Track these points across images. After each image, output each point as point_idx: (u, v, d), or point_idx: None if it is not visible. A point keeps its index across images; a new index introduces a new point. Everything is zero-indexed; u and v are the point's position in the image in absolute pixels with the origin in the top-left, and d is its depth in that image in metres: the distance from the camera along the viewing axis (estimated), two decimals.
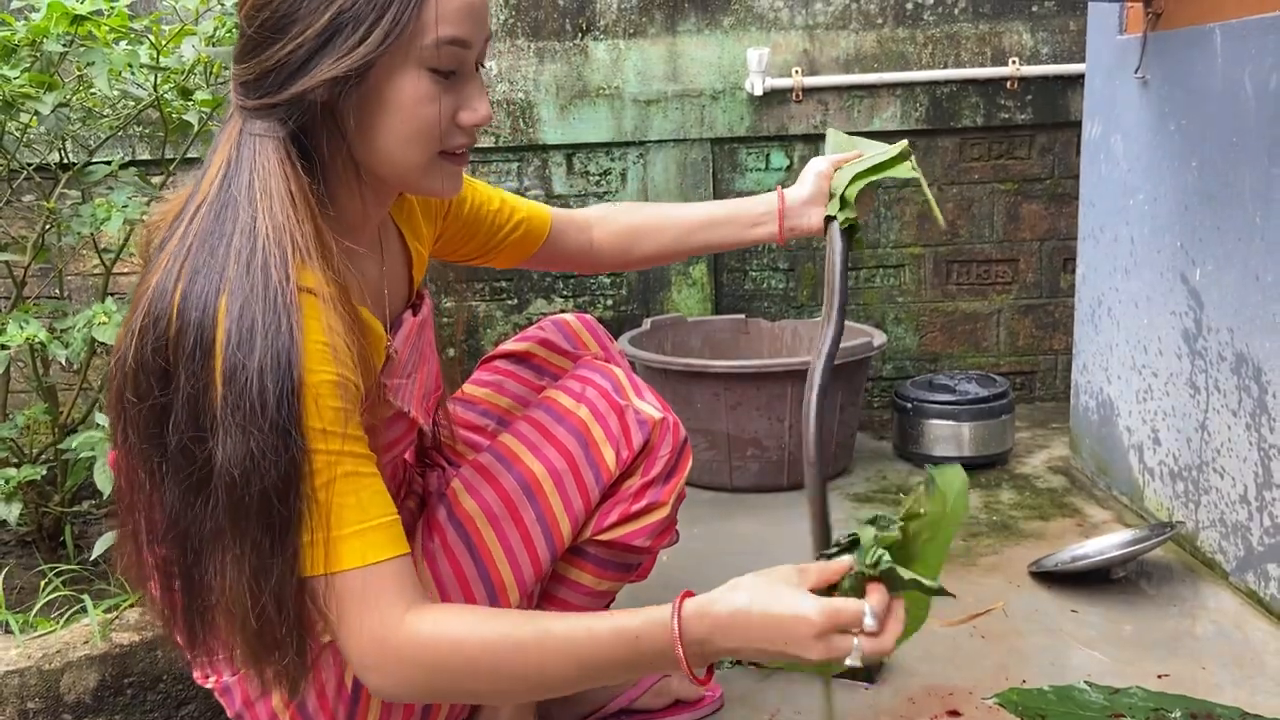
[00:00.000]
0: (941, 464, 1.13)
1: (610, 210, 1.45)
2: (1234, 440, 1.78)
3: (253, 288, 0.88)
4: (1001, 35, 2.80)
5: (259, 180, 0.92)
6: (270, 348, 0.87)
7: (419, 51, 0.93)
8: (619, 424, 1.26)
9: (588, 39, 2.81)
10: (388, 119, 0.95)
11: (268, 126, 0.93)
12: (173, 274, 0.90)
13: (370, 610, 0.91)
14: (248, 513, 0.87)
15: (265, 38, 0.92)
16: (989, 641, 1.67)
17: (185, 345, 0.88)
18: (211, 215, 0.92)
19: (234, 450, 0.86)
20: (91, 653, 1.36)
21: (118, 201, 1.51)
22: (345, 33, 0.90)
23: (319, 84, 0.91)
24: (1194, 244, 1.88)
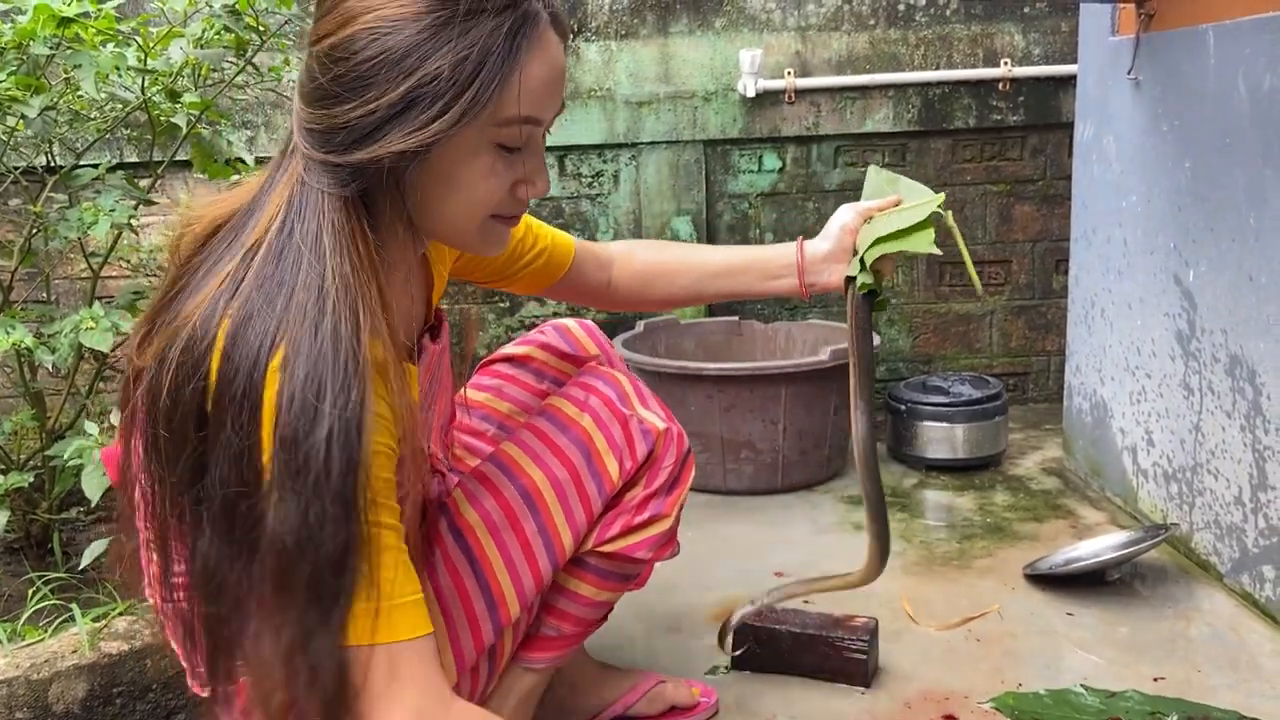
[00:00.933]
0: None
1: (631, 249, 1.41)
2: (1228, 442, 1.77)
3: (321, 352, 0.83)
4: (993, 36, 2.79)
5: (328, 236, 0.88)
6: (340, 418, 0.82)
7: (492, 130, 0.90)
8: (623, 434, 1.24)
9: (579, 40, 2.79)
10: (450, 192, 0.92)
11: (333, 183, 0.89)
12: (218, 312, 0.85)
13: (416, 685, 0.87)
14: (296, 583, 0.83)
15: (337, 93, 0.87)
16: (984, 645, 1.66)
17: (231, 395, 0.83)
18: (271, 259, 0.87)
19: (290, 519, 0.82)
20: (80, 662, 1.34)
21: (105, 205, 1.49)
22: (421, 106, 0.85)
23: (387, 155, 0.86)
24: (1187, 245, 1.88)
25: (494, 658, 1.21)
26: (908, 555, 2.01)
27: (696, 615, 1.80)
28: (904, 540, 2.08)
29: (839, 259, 1.28)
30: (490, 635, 1.17)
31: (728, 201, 2.89)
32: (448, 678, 1.14)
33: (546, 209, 2.88)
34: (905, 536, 2.10)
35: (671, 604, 1.84)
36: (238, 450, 0.82)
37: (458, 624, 1.16)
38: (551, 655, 1.28)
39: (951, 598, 1.83)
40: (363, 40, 0.86)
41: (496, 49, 0.87)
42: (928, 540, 2.08)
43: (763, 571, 1.94)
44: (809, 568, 1.94)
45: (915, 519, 2.20)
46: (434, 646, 0.90)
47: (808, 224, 2.89)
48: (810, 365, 2.27)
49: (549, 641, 1.27)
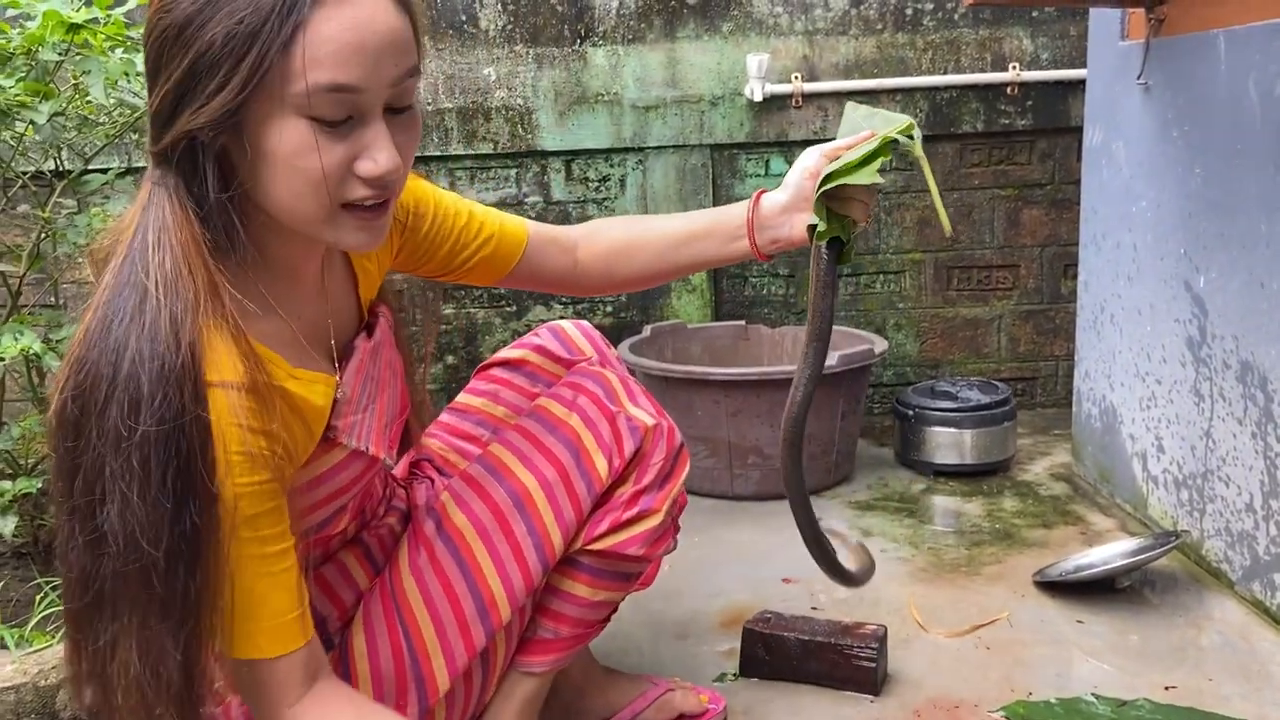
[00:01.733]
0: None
1: (596, 227, 1.34)
2: (1239, 449, 1.77)
3: (139, 347, 0.84)
4: (1002, 41, 2.79)
5: (153, 232, 0.87)
6: (155, 414, 0.83)
7: (292, 99, 0.84)
8: (611, 431, 1.24)
9: (586, 45, 2.79)
10: (270, 170, 0.87)
11: (161, 174, 0.89)
12: (87, 326, 0.87)
13: (265, 703, 0.94)
14: (131, 583, 0.85)
15: (148, 85, 0.89)
16: (994, 653, 1.66)
17: (94, 400, 0.84)
18: (127, 264, 0.88)
19: (116, 516, 0.84)
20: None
21: (113, 211, 1.49)
22: (203, 81, 0.83)
23: (182, 134, 0.85)
24: (1198, 251, 1.87)
25: (488, 662, 1.21)
26: (916, 561, 2.00)
27: (703, 621, 1.79)
28: (912, 546, 2.07)
29: (801, 208, 1.17)
30: (482, 639, 1.17)
31: None
32: (439, 682, 1.15)
33: (553, 214, 2.87)
34: (913, 542, 2.09)
35: (679, 610, 1.83)
36: (94, 456, 0.84)
37: (448, 628, 1.15)
38: (550, 658, 1.27)
39: (960, 605, 1.82)
40: (151, 23, 0.86)
41: (276, 10, 0.82)
42: (936, 546, 2.07)
43: (771, 578, 1.93)
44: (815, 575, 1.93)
45: (924, 525, 2.19)
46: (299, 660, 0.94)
47: None
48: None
49: (546, 644, 1.27)
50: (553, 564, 1.23)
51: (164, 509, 0.84)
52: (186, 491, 0.85)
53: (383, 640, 1.14)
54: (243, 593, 0.90)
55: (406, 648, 1.15)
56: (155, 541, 0.84)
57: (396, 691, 1.14)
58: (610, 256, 1.32)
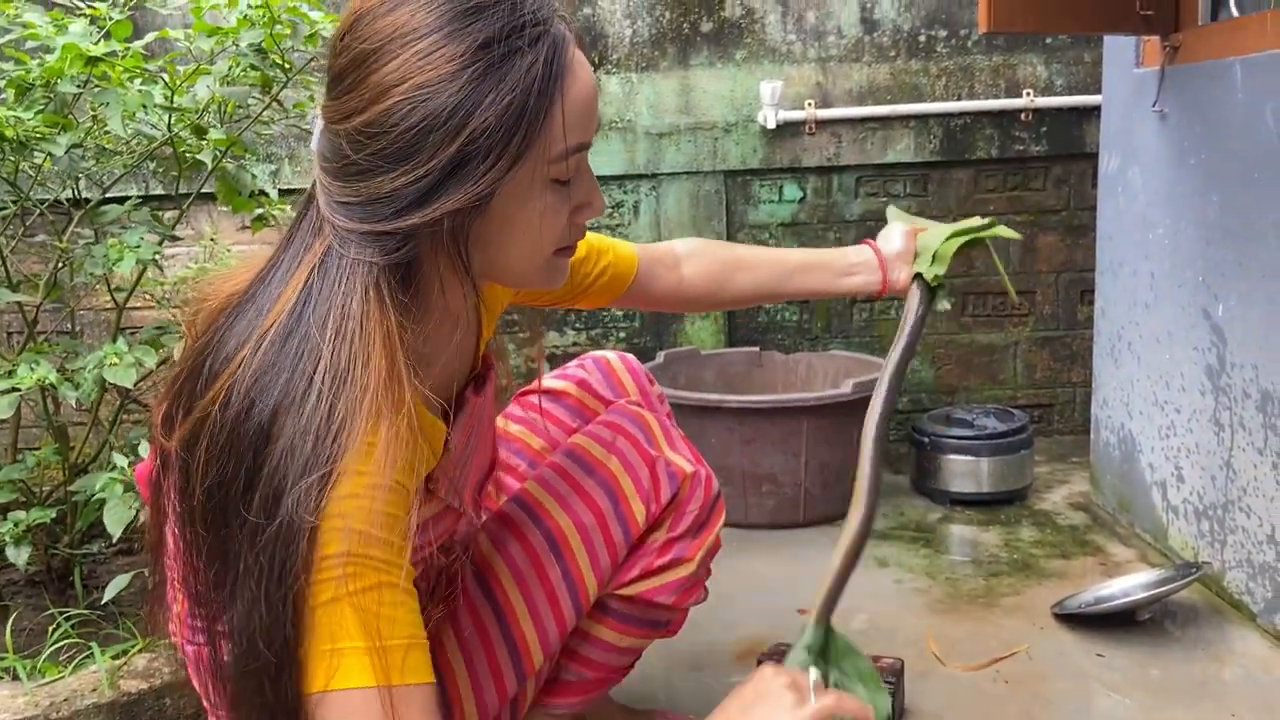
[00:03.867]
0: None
1: (700, 245, 1.41)
2: (1260, 479, 1.74)
3: (293, 435, 0.81)
4: (1015, 67, 2.79)
5: (337, 313, 0.84)
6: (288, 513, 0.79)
7: (545, 167, 0.87)
8: (649, 476, 1.22)
9: (600, 72, 2.80)
10: (512, 237, 0.90)
11: (366, 253, 0.85)
12: (234, 405, 0.83)
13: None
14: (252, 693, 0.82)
15: (378, 165, 0.84)
16: (1012, 686, 1.64)
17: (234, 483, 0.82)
18: (282, 337, 0.85)
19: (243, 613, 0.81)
20: (99, 700, 1.34)
21: (130, 242, 1.50)
22: (475, 160, 0.82)
23: (445, 214, 0.83)
24: (1216, 279, 1.86)
25: (516, 705, 1.19)
26: (933, 593, 1.98)
27: (719, 653, 1.77)
28: (929, 577, 2.05)
29: (907, 260, 1.33)
30: (514, 685, 1.16)
31: (749, 232, 2.88)
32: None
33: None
34: (930, 573, 2.07)
35: (694, 642, 1.81)
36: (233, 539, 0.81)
37: (480, 673, 1.14)
38: (573, 701, 1.26)
39: (978, 637, 1.80)
40: (403, 110, 0.82)
41: (537, 85, 0.84)
42: (954, 577, 2.05)
43: (786, 608, 1.91)
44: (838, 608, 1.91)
45: (940, 555, 2.17)
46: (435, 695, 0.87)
47: None
48: (832, 398, 2.26)
49: (571, 686, 1.26)
50: (587, 609, 1.21)
51: (280, 612, 0.80)
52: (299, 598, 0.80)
53: None
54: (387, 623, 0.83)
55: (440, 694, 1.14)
56: (270, 644, 0.80)
57: None
58: (720, 273, 1.39)
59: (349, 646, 0.80)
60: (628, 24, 2.79)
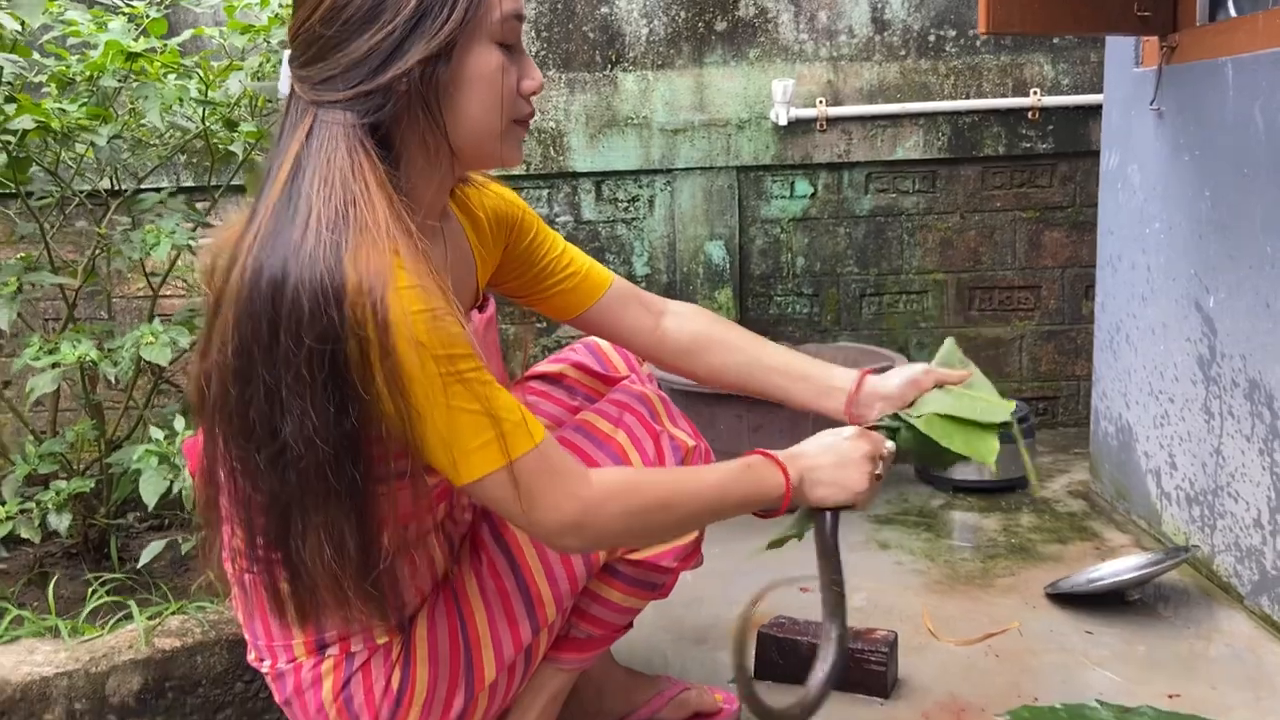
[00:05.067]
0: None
1: (698, 312, 1.45)
2: (1247, 465, 1.80)
3: (301, 275, 0.95)
4: (1023, 67, 2.85)
5: (321, 174, 0.99)
6: (316, 332, 0.94)
7: (490, 27, 1.03)
8: (655, 449, 1.30)
9: (617, 70, 2.88)
10: (472, 92, 1.04)
11: (345, 116, 1.00)
12: (243, 278, 0.98)
13: (560, 477, 1.04)
14: (310, 479, 0.98)
15: (350, 33, 0.99)
16: (1003, 660, 1.70)
17: (259, 339, 0.96)
18: (275, 216, 0.99)
19: (294, 426, 0.96)
20: (136, 657, 1.43)
21: (166, 228, 1.59)
22: (432, 14, 0.99)
23: (414, 65, 0.98)
24: (1207, 272, 1.91)
25: (530, 657, 1.27)
26: (931, 574, 2.05)
27: (722, 627, 1.85)
28: (928, 559, 2.12)
29: (893, 405, 1.34)
30: (528, 634, 1.24)
31: (760, 226, 2.95)
32: (487, 672, 1.21)
33: (584, 232, 2.96)
34: (930, 555, 2.14)
35: (699, 617, 1.89)
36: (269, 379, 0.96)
37: (498, 622, 1.22)
38: (581, 657, 1.34)
39: (972, 615, 1.87)
40: None
41: None
42: (951, 560, 2.12)
43: (788, 587, 1.98)
44: None
45: (940, 539, 2.23)
46: (554, 445, 1.06)
47: (838, 248, 2.94)
48: None
49: (579, 644, 1.33)
50: (596, 571, 1.30)
51: (328, 412, 0.96)
52: (344, 397, 0.96)
53: (442, 629, 1.20)
54: (475, 413, 0.99)
55: (462, 637, 1.21)
56: (326, 438, 0.96)
57: (450, 676, 1.20)
58: (701, 340, 1.42)
59: (486, 440, 1.00)
60: (644, 23, 2.87)
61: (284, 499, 1.00)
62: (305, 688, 1.19)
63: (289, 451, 0.98)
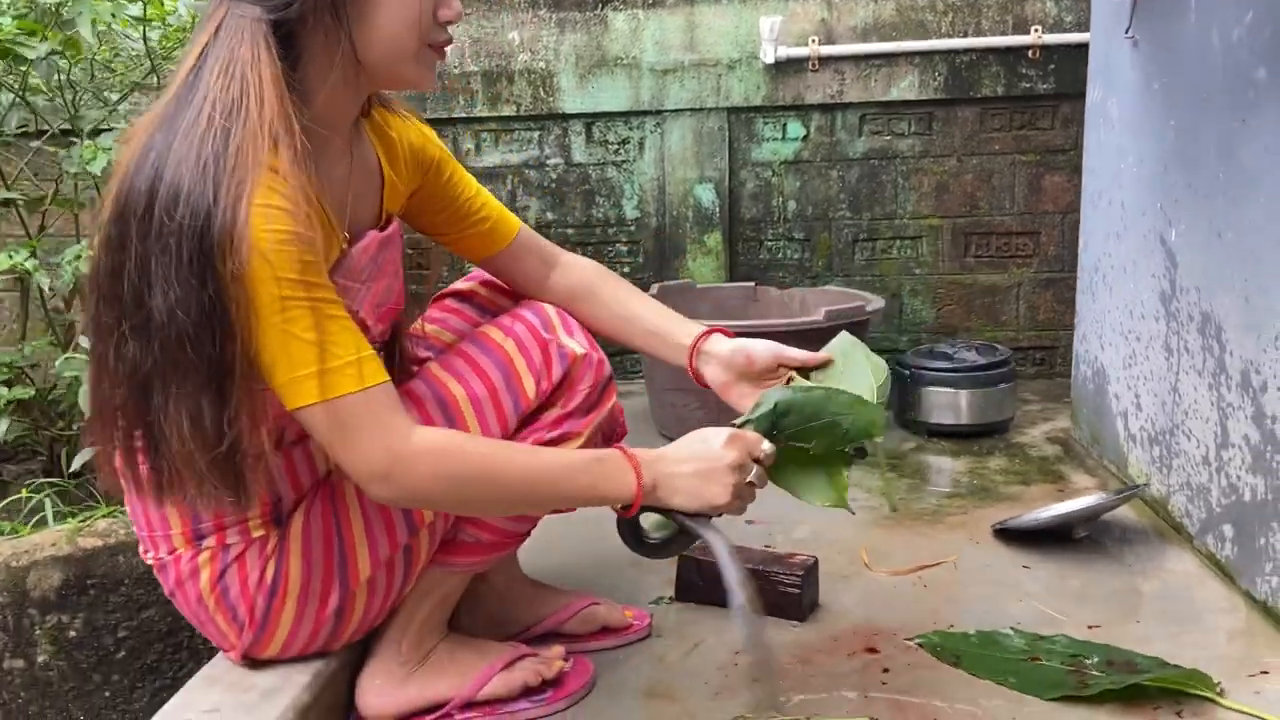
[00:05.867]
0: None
1: (583, 266, 1.49)
2: (1199, 401, 1.75)
3: (186, 154, 1.00)
4: (1024, 3, 2.77)
5: (223, 63, 1.03)
6: (189, 208, 0.99)
7: None
8: (542, 356, 1.32)
9: (607, 9, 2.86)
10: (382, 6, 1.08)
11: (253, 10, 1.04)
12: (133, 153, 1.03)
13: (378, 427, 1.07)
14: (171, 350, 1.02)
15: None
16: (930, 590, 1.69)
17: (135, 209, 1.01)
18: (176, 99, 1.05)
19: (159, 297, 1.01)
20: (57, 554, 1.48)
21: (103, 144, 1.62)
22: None
23: None
24: (1171, 205, 1.86)
25: (410, 556, 1.29)
26: (882, 510, 2.03)
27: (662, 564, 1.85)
28: (883, 497, 2.10)
29: (732, 382, 1.43)
30: (404, 534, 1.26)
31: (751, 169, 2.92)
32: (361, 569, 1.24)
33: (574, 175, 2.96)
34: (886, 494, 2.12)
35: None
36: (139, 253, 1.01)
37: (373, 520, 1.24)
38: (471, 560, 1.35)
39: (914, 549, 1.85)
40: None
41: None
42: (906, 498, 2.09)
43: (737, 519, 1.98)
44: (780, 518, 1.98)
45: (901, 478, 2.21)
46: (384, 393, 1.08)
47: (831, 192, 2.91)
48: (805, 324, 2.30)
49: (469, 548, 1.35)
50: None
51: (191, 286, 1.00)
52: (206, 275, 1.00)
53: (316, 524, 1.23)
54: (308, 342, 1.03)
55: (336, 534, 1.24)
56: (187, 311, 1.00)
57: (324, 570, 1.23)
58: (576, 294, 1.47)
59: (310, 372, 1.04)
60: None
61: (146, 370, 1.05)
62: (185, 578, 1.23)
63: (153, 321, 1.02)
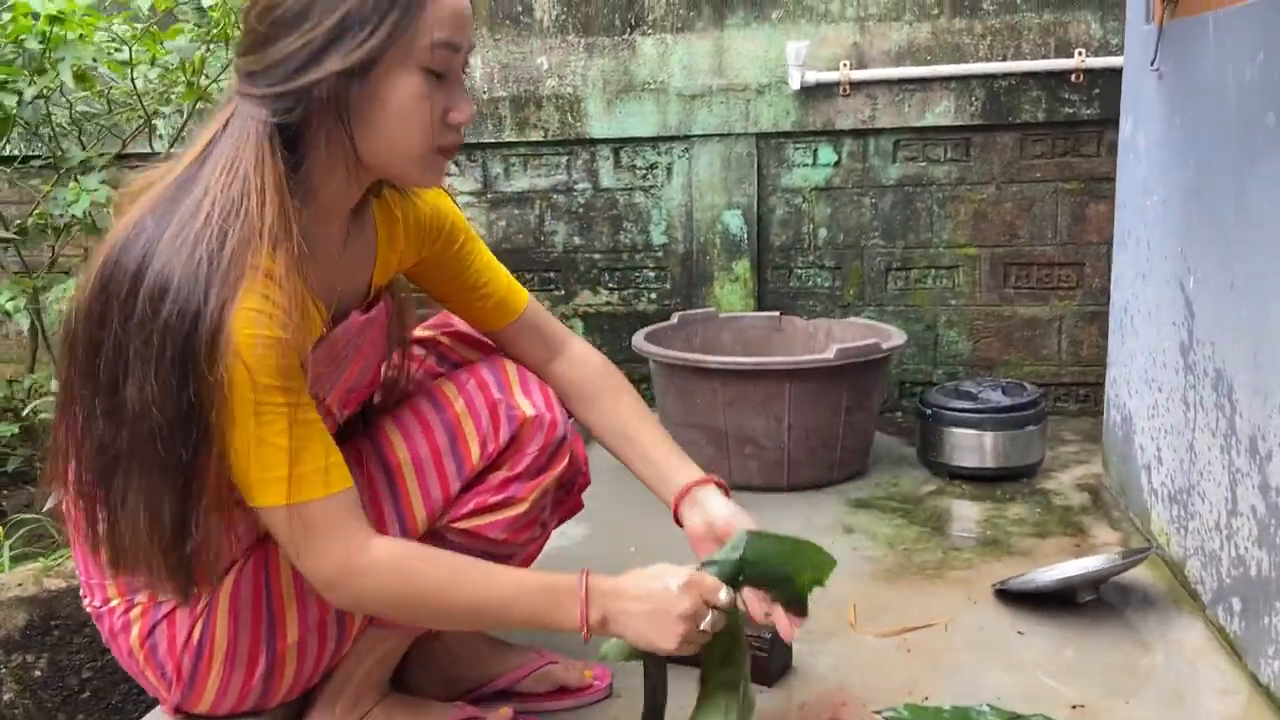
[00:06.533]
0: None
1: (586, 360, 1.44)
2: (1211, 463, 1.64)
3: (179, 248, 0.99)
4: (1067, 25, 2.65)
5: (227, 159, 1.03)
6: (177, 306, 0.98)
7: (417, 53, 1.04)
8: (490, 418, 1.29)
9: (635, 34, 2.83)
10: (387, 114, 1.06)
11: (260, 112, 1.03)
12: (123, 234, 1.02)
13: (336, 536, 1.07)
14: (141, 444, 1.00)
15: (276, 33, 1.02)
16: (914, 655, 1.61)
17: (118, 290, 1.00)
18: (177, 185, 1.04)
19: (134, 388, 0.99)
20: (22, 594, 1.50)
21: (87, 185, 1.64)
22: (353, 31, 1.01)
23: (326, 75, 1.01)
24: (1190, 249, 1.74)
25: (343, 618, 1.27)
26: (884, 561, 1.95)
27: None
28: (888, 546, 2.02)
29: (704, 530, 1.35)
30: None
31: (781, 195, 2.85)
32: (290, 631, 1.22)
33: (601, 200, 2.92)
34: (891, 542, 2.04)
35: None
36: (118, 335, 0.99)
37: (306, 587, 1.22)
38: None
39: (907, 607, 1.77)
40: None
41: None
42: (912, 549, 2.01)
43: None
44: None
45: (911, 526, 2.12)
46: (346, 501, 1.08)
47: (863, 219, 2.82)
48: (815, 362, 2.23)
49: None
50: (415, 537, 1.29)
51: (170, 386, 0.99)
52: (189, 376, 0.99)
53: (246, 585, 1.22)
54: (279, 447, 1.03)
55: (266, 596, 1.23)
56: (163, 410, 0.99)
57: (251, 632, 1.22)
58: (576, 394, 1.42)
59: (279, 475, 1.03)
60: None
61: (111, 454, 1.04)
62: (117, 631, 1.23)
63: (125, 409, 1.00)
